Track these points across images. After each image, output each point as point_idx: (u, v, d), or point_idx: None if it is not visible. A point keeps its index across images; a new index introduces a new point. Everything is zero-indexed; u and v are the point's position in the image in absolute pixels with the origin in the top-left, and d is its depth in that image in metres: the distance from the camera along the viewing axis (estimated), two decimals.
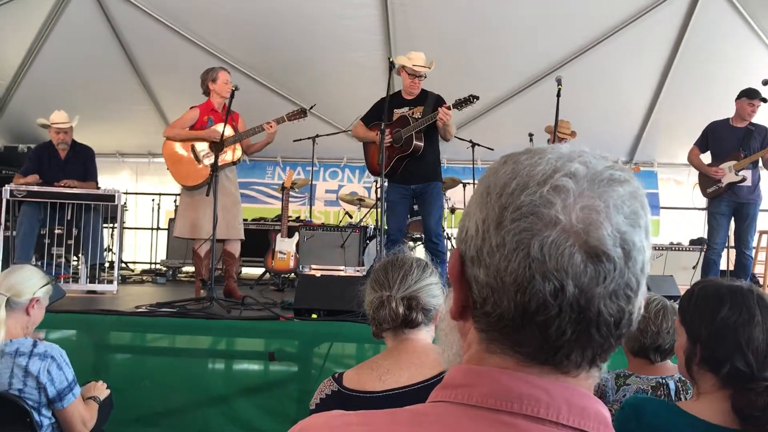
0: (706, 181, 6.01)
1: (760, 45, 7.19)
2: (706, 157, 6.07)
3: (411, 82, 5.17)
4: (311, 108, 5.30)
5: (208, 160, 5.09)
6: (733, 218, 5.95)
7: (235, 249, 5.42)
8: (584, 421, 0.65)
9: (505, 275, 0.64)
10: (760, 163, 5.82)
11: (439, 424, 0.67)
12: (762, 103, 5.72)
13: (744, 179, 5.75)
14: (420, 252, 7.02)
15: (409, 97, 5.24)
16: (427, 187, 5.25)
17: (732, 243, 6.17)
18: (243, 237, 5.41)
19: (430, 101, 5.15)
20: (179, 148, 5.32)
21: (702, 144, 6.07)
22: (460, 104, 4.97)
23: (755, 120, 5.87)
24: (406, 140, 5.08)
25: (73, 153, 6.14)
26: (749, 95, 5.76)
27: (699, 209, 7.87)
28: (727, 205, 5.86)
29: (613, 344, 0.67)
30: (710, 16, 6.96)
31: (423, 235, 5.84)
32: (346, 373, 1.69)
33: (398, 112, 5.20)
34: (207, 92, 5.34)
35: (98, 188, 6.01)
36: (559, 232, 0.62)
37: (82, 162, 6.17)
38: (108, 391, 2.79)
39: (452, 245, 6.50)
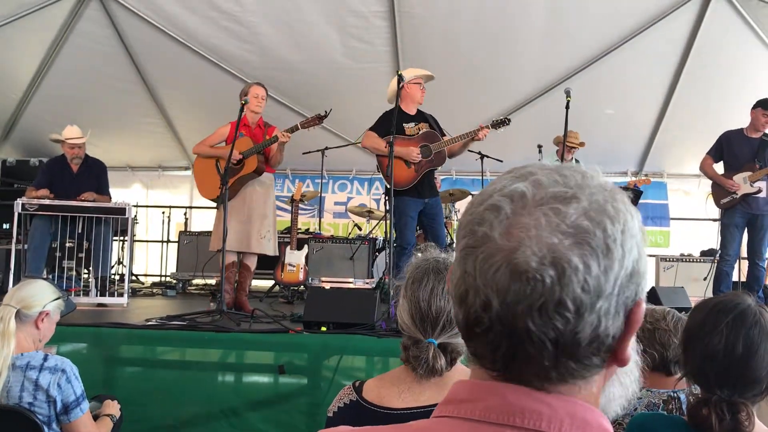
0: (719, 191, 5.98)
1: None
2: (719, 167, 6.05)
3: (422, 93, 5.30)
4: (327, 114, 5.25)
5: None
6: (746, 229, 5.92)
7: (251, 262, 5.44)
8: None
9: (454, 288, 0.69)
10: None
11: None
12: None
13: (759, 190, 5.72)
14: None
15: (412, 112, 5.32)
16: (436, 201, 5.38)
17: (744, 254, 6.13)
18: (260, 251, 5.36)
19: (430, 119, 5.35)
20: (205, 162, 5.41)
21: (716, 153, 6.04)
22: (496, 125, 5.17)
23: (741, 126, 5.87)
24: (437, 155, 5.18)
25: (85, 167, 6.19)
26: (765, 106, 5.74)
27: (710, 220, 7.83)
28: (741, 216, 5.83)
29: (570, 364, 0.66)
30: (718, 26, 6.95)
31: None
32: (367, 383, 1.67)
33: (407, 127, 5.25)
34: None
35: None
36: (490, 249, 0.64)
37: (95, 176, 6.22)
38: (118, 407, 2.80)
39: None
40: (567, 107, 5.19)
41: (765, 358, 1.53)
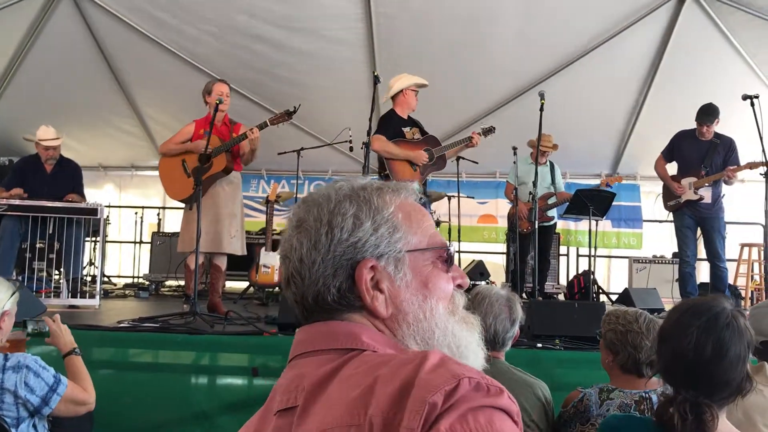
0: (667, 193, 6.08)
1: (739, 59, 7.28)
2: (672, 167, 6.13)
3: (416, 98, 5.51)
4: (296, 109, 5.23)
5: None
6: (700, 231, 6.02)
7: (221, 262, 5.38)
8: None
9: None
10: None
11: None
12: (716, 122, 5.80)
13: (702, 198, 5.80)
14: None
15: (405, 117, 5.50)
16: (424, 202, 5.49)
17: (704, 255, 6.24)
18: (231, 251, 5.30)
19: (419, 124, 5.56)
20: (171, 162, 5.30)
21: (668, 154, 6.14)
22: (485, 132, 5.67)
23: (724, 131, 5.94)
24: (438, 159, 5.44)
25: (59, 168, 6.10)
26: (699, 119, 5.84)
27: (656, 221, 7.95)
28: (690, 217, 5.91)
29: (324, 309, 0.92)
30: (690, 30, 7.05)
31: None
32: None
33: (406, 131, 5.44)
34: (207, 105, 5.30)
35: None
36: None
37: (69, 177, 6.13)
38: (64, 328, 2.75)
39: None
40: (541, 110, 5.22)
41: (735, 361, 1.55)
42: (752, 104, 5.24)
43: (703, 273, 7.58)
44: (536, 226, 5.43)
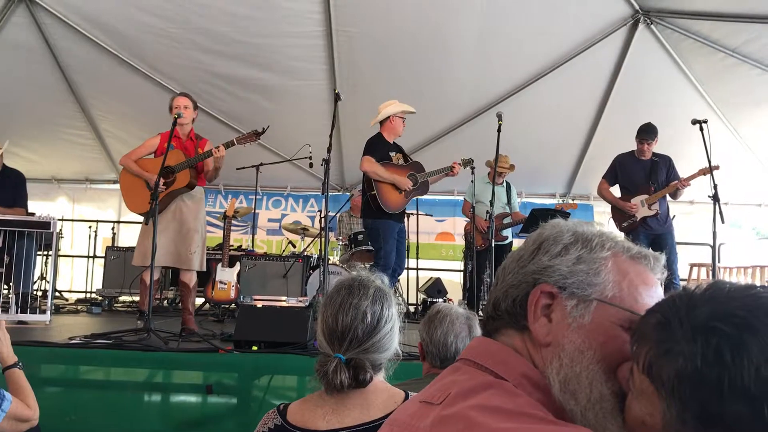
0: (619, 215, 6.23)
1: (689, 85, 7.54)
2: (615, 190, 6.30)
3: (403, 125, 5.72)
4: (264, 130, 5.23)
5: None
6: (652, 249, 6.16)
7: (189, 279, 5.25)
8: None
9: None
10: (668, 196, 6.08)
11: None
12: (655, 141, 6.03)
13: (657, 213, 5.98)
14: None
15: (391, 142, 5.71)
16: (403, 227, 5.86)
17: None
18: (194, 267, 5.19)
19: (402, 149, 5.80)
20: (132, 175, 5.22)
21: (611, 177, 6.32)
22: (465, 164, 6.02)
23: (660, 150, 6.14)
24: (422, 184, 5.70)
25: (1, 178, 5.94)
26: (640, 136, 6.07)
27: None
28: (645, 237, 6.07)
29: None
30: (643, 57, 7.28)
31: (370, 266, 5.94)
32: (291, 406, 1.65)
33: (393, 155, 5.64)
34: None
35: (28, 214, 5.83)
36: None
37: (11, 187, 5.97)
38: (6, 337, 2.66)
39: None
40: (499, 130, 5.32)
41: None
42: (701, 129, 5.40)
43: None
44: (493, 245, 5.51)
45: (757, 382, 0.68)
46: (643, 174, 6.09)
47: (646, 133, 6.03)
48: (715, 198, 5.44)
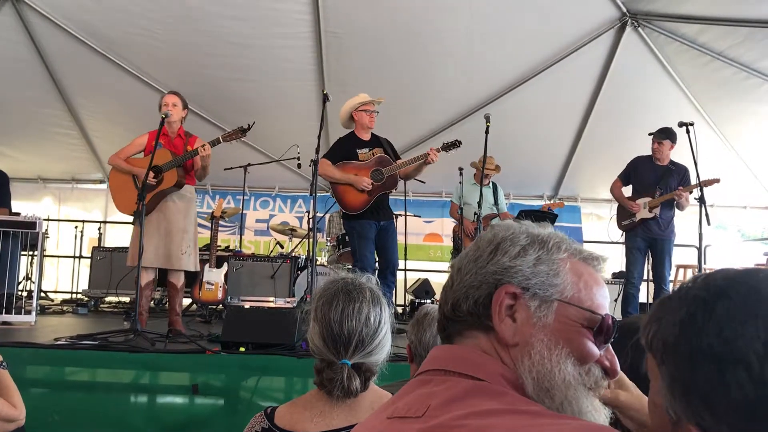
0: (622, 213, 6.27)
1: (676, 88, 7.59)
2: (628, 191, 6.34)
3: (370, 117, 5.43)
4: (250, 127, 5.17)
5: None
6: (650, 254, 6.20)
7: (177, 279, 5.19)
8: None
9: None
10: (675, 203, 6.09)
11: None
12: (668, 143, 6.02)
13: (655, 217, 6.01)
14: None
15: (366, 138, 5.46)
16: (391, 224, 5.54)
17: (650, 277, 6.41)
18: (187, 268, 5.15)
19: (385, 144, 5.52)
20: (122, 175, 5.17)
21: (625, 177, 6.34)
22: (447, 147, 5.38)
23: (678, 159, 6.16)
24: (389, 178, 5.35)
25: None
26: (658, 137, 6.08)
27: (621, 243, 8.16)
28: (643, 239, 6.10)
29: None
30: (630, 59, 7.32)
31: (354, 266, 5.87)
32: (279, 409, 1.65)
33: (361, 152, 5.39)
34: None
35: (12, 213, 5.78)
36: None
37: None
38: None
39: None
40: (486, 132, 5.32)
41: None
42: (687, 131, 5.44)
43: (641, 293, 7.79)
44: None
45: (719, 340, 0.71)
46: (654, 178, 6.12)
47: (658, 132, 6.07)
48: (701, 200, 5.50)
